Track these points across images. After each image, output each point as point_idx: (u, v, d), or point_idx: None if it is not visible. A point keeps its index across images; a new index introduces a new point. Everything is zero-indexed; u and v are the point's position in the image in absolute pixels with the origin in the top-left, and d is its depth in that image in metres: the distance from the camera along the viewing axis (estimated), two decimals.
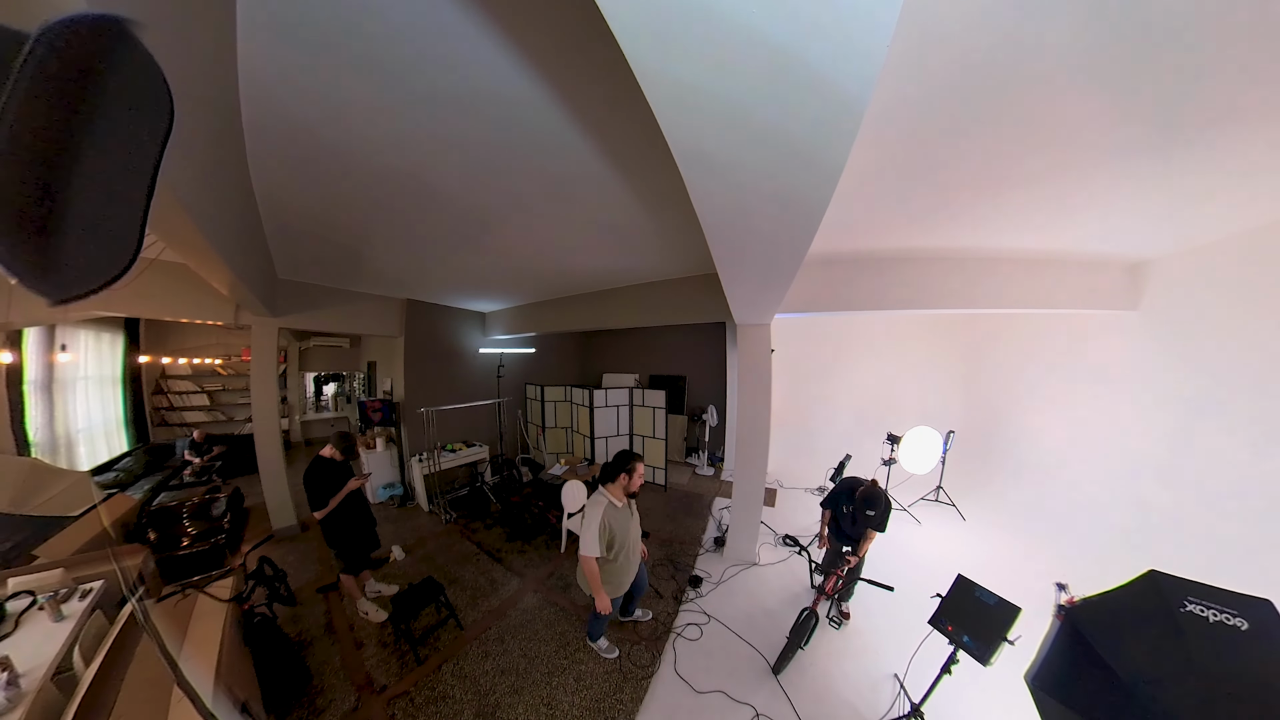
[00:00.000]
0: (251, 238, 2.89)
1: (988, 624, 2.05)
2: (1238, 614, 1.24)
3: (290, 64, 1.47)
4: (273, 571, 3.10)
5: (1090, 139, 1.88)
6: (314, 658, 2.89)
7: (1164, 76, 1.46)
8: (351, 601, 3.40)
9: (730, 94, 0.95)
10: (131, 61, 0.42)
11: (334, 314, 5.20)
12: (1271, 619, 1.25)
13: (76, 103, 0.37)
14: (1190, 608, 1.29)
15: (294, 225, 3.06)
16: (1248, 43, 1.31)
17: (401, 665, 2.83)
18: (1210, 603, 1.29)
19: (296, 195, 2.52)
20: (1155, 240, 3.33)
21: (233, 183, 2.09)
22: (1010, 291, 3.72)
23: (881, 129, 1.77)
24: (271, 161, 2.11)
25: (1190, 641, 1.24)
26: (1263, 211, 2.71)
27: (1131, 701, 1.23)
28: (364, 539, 3.32)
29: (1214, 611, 1.26)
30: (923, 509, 5.29)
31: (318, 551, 4.28)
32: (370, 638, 3.10)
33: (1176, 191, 2.43)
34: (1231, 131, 1.81)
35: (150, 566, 3.03)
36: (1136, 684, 1.24)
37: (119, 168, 0.42)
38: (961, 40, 1.29)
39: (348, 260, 4.03)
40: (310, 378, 9.89)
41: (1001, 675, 2.09)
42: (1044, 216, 2.80)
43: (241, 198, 2.33)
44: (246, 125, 1.81)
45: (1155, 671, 1.25)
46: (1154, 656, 1.28)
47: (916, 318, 5.97)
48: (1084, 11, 1.19)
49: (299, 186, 2.41)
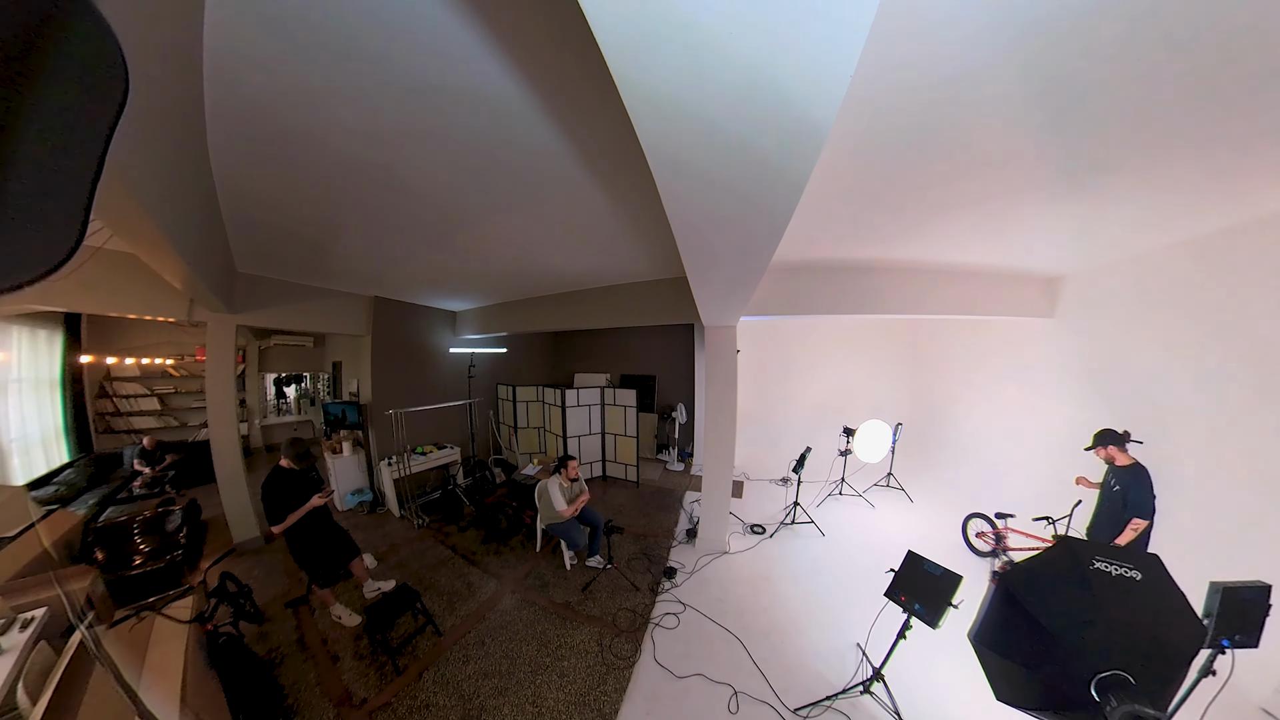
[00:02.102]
0: (209, 227, 2.67)
1: (935, 592, 2.25)
2: (1134, 568, 1.44)
3: (261, 43, 1.37)
4: (236, 588, 2.93)
5: (1015, 173, 2.16)
6: (287, 675, 2.74)
7: (1070, 127, 1.75)
8: (324, 608, 3.26)
9: (705, 107, 0.97)
10: (84, 28, 0.36)
11: (297, 311, 4.87)
12: (1159, 571, 1.46)
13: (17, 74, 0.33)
14: (1097, 565, 1.47)
15: (256, 215, 2.83)
16: (1134, 106, 1.61)
17: (380, 676, 2.73)
18: (1113, 560, 1.47)
19: (260, 183, 2.34)
20: (1067, 259, 3.80)
21: (190, 167, 1.91)
22: (949, 300, 4.13)
23: (843, 153, 1.91)
24: (234, 146, 1.94)
25: (1098, 593, 1.42)
26: (1149, 238, 3.22)
27: (1056, 646, 1.40)
28: (332, 550, 3.18)
29: (1115, 567, 1.45)
30: (876, 494, 5.66)
31: (284, 564, 4.05)
32: (346, 650, 2.96)
33: (1082, 220, 2.86)
34: (1122, 174, 2.17)
35: (99, 589, 2.72)
36: (1059, 632, 1.41)
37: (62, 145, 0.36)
38: (914, 86, 1.48)
39: (313, 254, 3.79)
40: (271, 379, 9.10)
41: (949, 636, 2.27)
42: (977, 236, 3.14)
43: (199, 184, 2.14)
44: (209, 105, 1.65)
45: (1073, 620, 1.42)
46: (1071, 607, 1.45)
47: (868, 321, 6.35)
48: (1014, 73, 1.42)
49: (263, 174, 2.23)
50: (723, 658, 2.86)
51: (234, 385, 4.37)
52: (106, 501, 4.83)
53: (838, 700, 2.48)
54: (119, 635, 2.10)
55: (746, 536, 4.61)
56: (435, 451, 5.84)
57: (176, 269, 2.48)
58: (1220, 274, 3.00)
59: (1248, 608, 1.70)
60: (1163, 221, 2.89)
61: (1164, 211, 2.72)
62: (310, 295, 4.97)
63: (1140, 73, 1.44)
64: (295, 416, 9.41)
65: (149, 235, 1.80)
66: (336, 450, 5.76)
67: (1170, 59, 1.38)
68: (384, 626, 2.87)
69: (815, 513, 5.03)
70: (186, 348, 7.59)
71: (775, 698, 2.54)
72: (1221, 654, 1.72)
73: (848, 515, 5.16)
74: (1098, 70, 1.43)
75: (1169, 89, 1.53)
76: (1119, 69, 1.42)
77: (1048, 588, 1.54)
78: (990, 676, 1.60)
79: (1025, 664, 1.48)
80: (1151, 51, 1.35)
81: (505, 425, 7.74)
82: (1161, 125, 1.76)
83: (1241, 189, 2.40)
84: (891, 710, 2.38)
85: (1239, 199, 2.52)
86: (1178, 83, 1.49)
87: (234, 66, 1.47)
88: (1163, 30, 1.27)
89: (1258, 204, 2.56)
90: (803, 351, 6.89)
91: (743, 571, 3.95)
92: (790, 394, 6.91)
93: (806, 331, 6.83)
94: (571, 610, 3.41)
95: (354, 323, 5.60)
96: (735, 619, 3.25)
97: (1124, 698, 1.23)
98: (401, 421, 5.23)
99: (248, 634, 2.89)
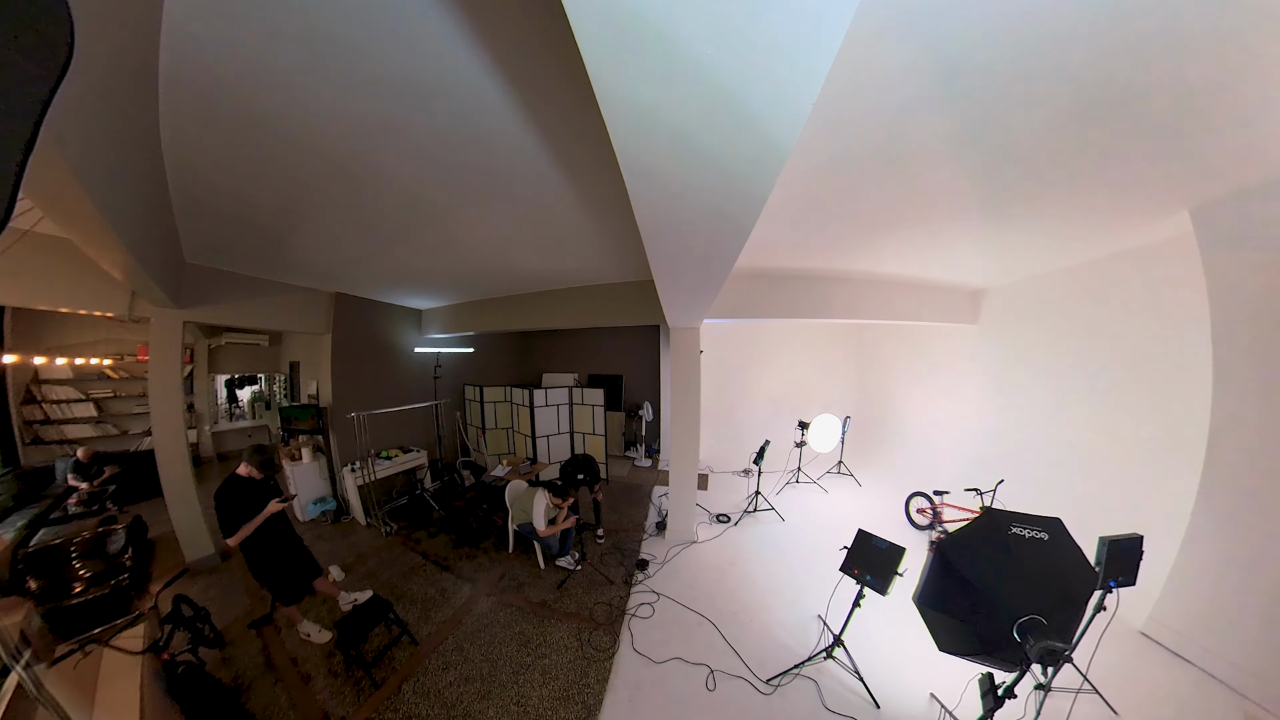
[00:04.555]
0: (156, 212, 2.40)
1: (883, 564, 2.47)
2: (1042, 530, 1.68)
3: (226, 14, 1.27)
4: (192, 611, 2.70)
5: (947, 201, 2.50)
6: (257, 701, 2.53)
7: (994, 168, 2.09)
8: (291, 625, 3.07)
9: (678, 120, 0.99)
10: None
11: (251, 307, 4.43)
12: (1061, 531, 1.71)
13: None
14: (1015, 530, 1.69)
15: (209, 201, 2.56)
16: (1045, 152, 1.93)
17: (358, 692, 2.58)
18: (1026, 525, 1.71)
19: (215, 167, 2.12)
20: (989, 275, 4.44)
21: (138, 144, 1.71)
22: (891, 307, 4.64)
23: (802, 173, 2.08)
24: (189, 125, 1.76)
25: (1016, 553, 1.64)
26: (1051, 261, 3.88)
27: (984, 600, 1.62)
28: (294, 564, 2.97)
29: (1028, 530, 1.68)
30: (829, 480, 6.04)
31: (243, 582, 3.74)
32: (318, 669, 2.77)
33: (1000, 244, 3.38)
34: (1030, 207, 2.60)
35: (36, 623, 2.47)
36: (986, 588, 1.60)
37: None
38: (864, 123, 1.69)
39: (270, 246, 3.48)
40: (222, 381, 8.22)
41: (897, 601, 2.48)
42: (915, 253, 3.59)
43: (147, 163, 1.92)
44: (164, 78, 1.46)
45: (997, 577, 1.61)
46: (995, 567, 1.65)
47: (820, 325, 6.76)
48: (951, 118, 1.67)
49: (219, 157, 2.03)
50: (698, 640, 2.97)
51: (181, 388, 3.92)
52: (38, 523, 4.23)
53: (805, 667, 2.65)
54: (62, 673, 1.90)
55: (713, 526, 4.76)
56: (401, 455, 5.61)
57: (117, 257, 2.20)
58: (1101, 291, 3.70)
59: (1127, 555, 2.05)
60: (1061, 248, 3.49)
61: (1061, 240, 3.29)
62: (266, 290, 4.54)
63: (1037, 126, 1.73)
64: (249, 421, 8.58)
65: (87, 218, 1.56)
66: (296, 457, 5.41)
67: (1067, 118, 1.67)
68: (357, 640, 2.73)
69: (775, 500, 5.27)
70: (127, 346, 6.70)
71: (749, 671, 2.67)
72: (1109, 593, 2.05)
73: (804, 501, 5.45)
74: (1010, 117, 1.67)
75: (1066, 142, 1.86)
76: (1027, 122, 1.70)
77: (976, 552, 1.74)
78: (933, 631, 1.79)
79: (960, 617, 1.68)
80: (1051, 107, 1.61)
81: (473, 427, 7.54)
82: (1064, 171, 2.12)
83: (1113, 227, 3.00)
84: (852, 670, 2.58)
85: (1112, 234, 3.15)
86: (1066, 139, 1.82)
87: (195, 38, 1.32)
88: (1054, 90, 1.53)
89: (1125, 239, 3.23)
90: (761, 352, 7.20)
91: (711, 559, 4.09)
92: (750, 391, 7.18)
93: (764, 333, 7.14)
94: (549, 608, 3.39)
95: (313, 320, 5.22)
96: (706, 603, 3.36)
97: (1040, 636, 1.44)
98: (365, 425, 4.98)
99: (209, 660, 2.68)
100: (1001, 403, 4.78)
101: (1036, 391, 4.37)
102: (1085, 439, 3.79)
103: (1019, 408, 4.54)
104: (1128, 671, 2.53)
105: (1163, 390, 3.18)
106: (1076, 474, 3.79)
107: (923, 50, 1.34)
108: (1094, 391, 3.76)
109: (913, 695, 2.47)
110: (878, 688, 2.48)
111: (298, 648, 2.96)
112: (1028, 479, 4.17)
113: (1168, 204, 2.57)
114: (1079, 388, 3.91)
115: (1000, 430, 4.77)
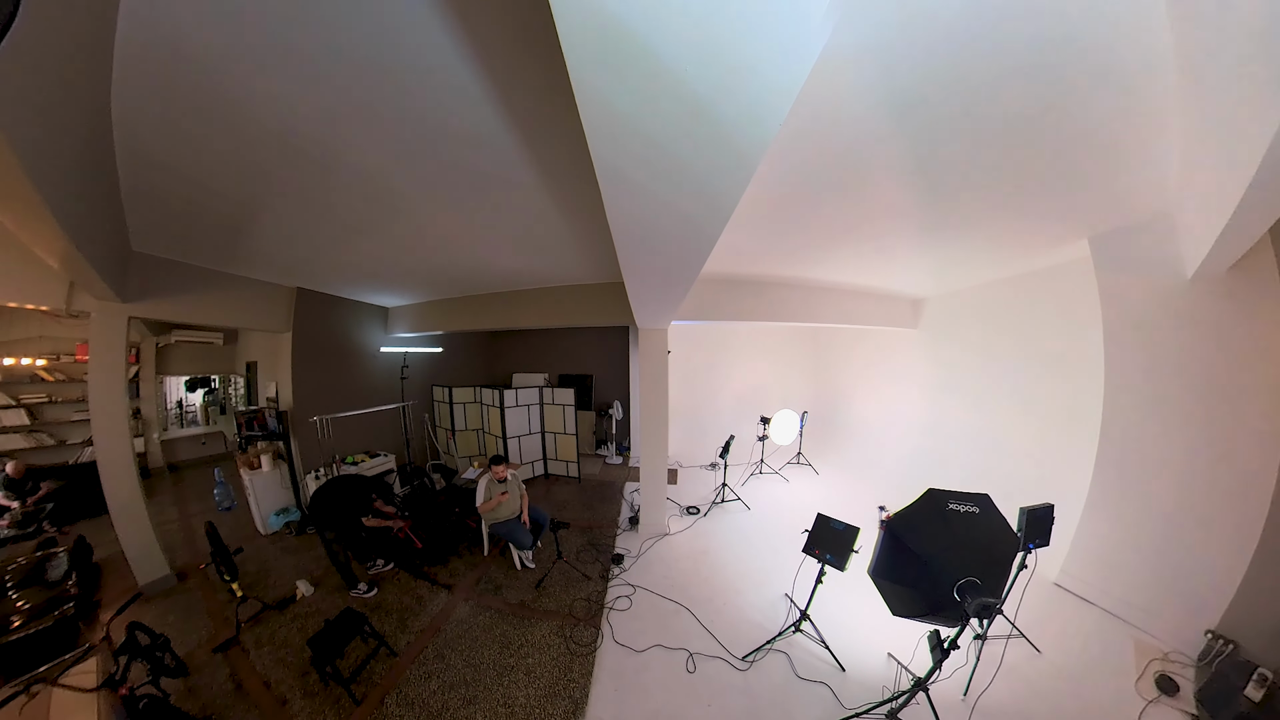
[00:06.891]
0: (101, 194, 2.13)
1: (840, 543, 2.69)
2: (974, 505, 1.89)
3: None
4: (149, 639, 2.41)
5: (893, 219, 2.79)
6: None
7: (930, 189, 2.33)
8: (260, 646, 2.83)
9: (654, 129, 1.00)
10: None
11: (205, 301, 3.96)
12: (989, 505, 1.92)
13: None
14: (951, 506, 1.87)
15: (161, 184, 2.30)
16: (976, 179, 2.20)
17: (339, 710, 2.43)
18: (960, 502, 1.89)
19: (170, 146, 1.91)
20: (928, 286, 4.92)
21: (84, 116, 1.51)
22: (842, 311, 5.04)
23: (768, 185, 2.22)
24: (144, 99, 1.57)
25: (953, 526, 1.83)
26: (983, 274, 4.39)
27: (928, 568, 1.80)
28: None
29: (963, 506, 1.88)
30: (789, 470, 6.35)
31: (204, 603, 3.44)
32: (293, 690, 2.59)
33: (938, 258, 3.78)
34: (963, 230, 2.99)
35: None
36: (929, 558, 1.78)
37: None
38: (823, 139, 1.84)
39: (227, 235, 3.16)
40: (172, 383, 7.41)
41: (854, 576, 2.66)
42: (864, 263, 3.93)
43: (93, 138, 1.69)
44: (120, 46, 1.30)
45: (938, 548, 1.80)
46: (936, 539, 1.84)
47: (779, 327, 7.08)
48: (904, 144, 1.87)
49: (175, 135, 1.83)
50: (675, 627, 3.05)
51: (126, 391, 3.48)
52: None
53: (776, 642, 2.80)
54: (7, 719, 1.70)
55: (684, 518, 4.87)
56: (368, 460, 5.33)
57: (54, 243, 1.93)
58: (1021, 302, 4.25)
59: (1042, 521, 2.40)
60: (989, 265, 3.99)
61: (993, 256, 3.72)
62: (221, 283, 4.08)
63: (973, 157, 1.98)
64: (203, 428, 7.76)
65: (21, 197, 1.37)
66: (254, 465, 5.01)
67: (994, 150, 1.92)
68: (332, 655, 2.56)
69: (741, 490, 5.46)
70: (64, 344, 5.91)
71: (725, 651, 2.79)
72: (1029, 553, 2.39)
73: (768, 490, 5.69)
74: (947, 149, 1.90)
75: (989, 174, 2.13)
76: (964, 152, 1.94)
77: (920, 528, 1.92)
78: (886, 599, 1.96)
79: (909, 585, 1.85)
80: (982, 141, 1.84)
81: (442, 429, 7.28)
82: (990, 200, 2.45)
83: (1031, 249, 3.49)
84: (819, 640, 2.76)
85: (1030, 255, 3.63)
86: (989, 170, 2.08)
87: (157, 4, 1.20)
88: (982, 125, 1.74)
89: (1040, 260, 3.75)
90: (725, 352, 7.45)
91: (683, 549, 4.19)
92: (715, 389, 7.39)
93: (728, 335, 7.39)
94: (528, 608, 3.35)
95: (272, 317, 4.79)
96: (681, 591, 3.46)
97: (976, 594, 1.65)
98: (328, 428, 4.71)
99: (173, 691, 2.44)
100: (938, 397, 5.36)
101: (967, 387, 4.95)
102: (1006, 426, 4.37)
103: (952, 401, 5.12)
104: (1046, 616, 2.95)
105: (1067, 384, 3.74)
106: (1000, 455, 4.34)
107: (880, 78, 1.48)
108: (1014, 386, 4.34)
109: (873, 656, 2.69)
110: (842, 653, 2.67)
111: (269, 669, 2.76)
112: (961, 462, 4.70)
113: (1073, 232, 3.05)
114: (1002, 383, 4.49)
115: (937, 421, 5.34)
